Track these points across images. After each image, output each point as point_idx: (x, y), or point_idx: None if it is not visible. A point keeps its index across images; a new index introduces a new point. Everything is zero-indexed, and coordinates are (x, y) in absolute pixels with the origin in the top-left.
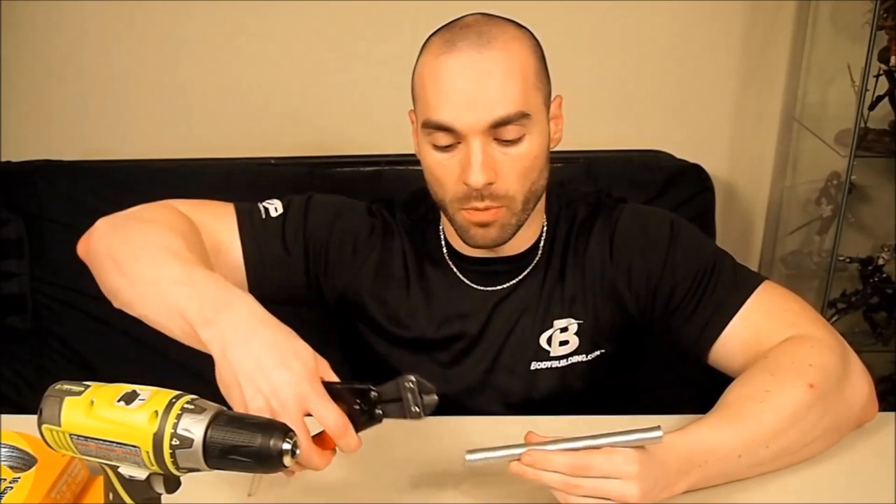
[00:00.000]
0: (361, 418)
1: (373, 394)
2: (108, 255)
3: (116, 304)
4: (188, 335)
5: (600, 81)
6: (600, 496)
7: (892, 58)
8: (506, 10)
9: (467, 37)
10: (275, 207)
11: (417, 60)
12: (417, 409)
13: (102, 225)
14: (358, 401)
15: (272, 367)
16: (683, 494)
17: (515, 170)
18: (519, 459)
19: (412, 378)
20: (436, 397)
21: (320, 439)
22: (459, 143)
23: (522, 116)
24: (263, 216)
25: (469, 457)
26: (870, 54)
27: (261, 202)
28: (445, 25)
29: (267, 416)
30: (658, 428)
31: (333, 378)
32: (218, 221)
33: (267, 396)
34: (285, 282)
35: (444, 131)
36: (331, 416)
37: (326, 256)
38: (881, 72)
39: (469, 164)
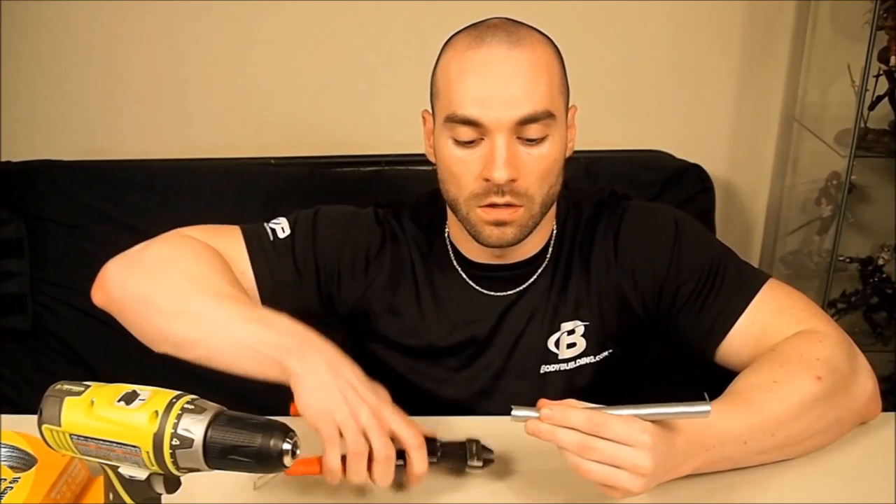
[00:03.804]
0: None
1: (437, 443)
2: (142, 299)
3: (160, 349)
4: (261, 365)
5: (600, 81)
6: (613, 462)
7: (892, 58)
8: (506, 9)
9: (497, 35)
10: (281, 227)
11: (440, 57)
12: (477, 463)
13: (117, 269)
14: None
15: (365, 392)
16: (688, 490)
17: (536, 170)
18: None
19: (476, 441)
20: (493, 457)
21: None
22: (483, 138)
23: (548, 116)
24: (271, 238)
25: (515, 412)
26: (870, 54)
27: (266, 223)
28: (470, 25)
29: (360, 435)
30: (706, 401)
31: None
32: (229, 247)
33: (364, 414)
34: (299, 302)
35: (468, 126)
36: (408, 433)
37: (338, 273)
38: (881, 72)
39: (493, 160)
